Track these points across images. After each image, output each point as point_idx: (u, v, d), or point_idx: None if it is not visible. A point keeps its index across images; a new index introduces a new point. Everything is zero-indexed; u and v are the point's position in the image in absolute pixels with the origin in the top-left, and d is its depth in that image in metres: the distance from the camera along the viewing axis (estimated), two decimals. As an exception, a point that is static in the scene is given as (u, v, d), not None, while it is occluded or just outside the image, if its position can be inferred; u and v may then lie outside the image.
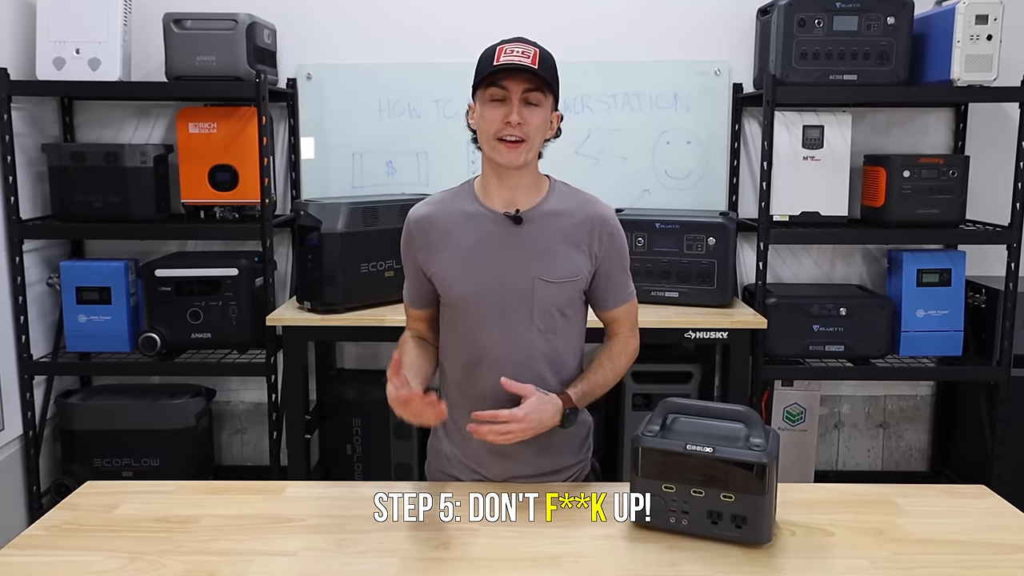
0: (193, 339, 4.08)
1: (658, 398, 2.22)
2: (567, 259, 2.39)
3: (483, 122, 2.32)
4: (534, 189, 2.42)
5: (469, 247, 2.39)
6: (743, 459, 1.96)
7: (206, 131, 4.11)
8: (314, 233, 3.82)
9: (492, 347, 2.39)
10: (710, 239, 3.97)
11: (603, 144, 4.42)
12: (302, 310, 3.94)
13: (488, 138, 2.31)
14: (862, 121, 4.42)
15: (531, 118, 2.29)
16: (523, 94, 2.27)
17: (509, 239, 2.37)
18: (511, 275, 2.37)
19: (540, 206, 2.40)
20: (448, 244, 2.40)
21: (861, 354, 4.12)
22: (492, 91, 2.29)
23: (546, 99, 2.32)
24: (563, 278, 2.38)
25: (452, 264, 2.40)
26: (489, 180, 2.40)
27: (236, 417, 4.74)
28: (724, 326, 3.84)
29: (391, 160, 4.48)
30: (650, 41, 4.43)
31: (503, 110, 2.28)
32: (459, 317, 2.43)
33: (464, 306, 2.40)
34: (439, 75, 4.41)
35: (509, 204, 2.39)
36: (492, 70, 2.26)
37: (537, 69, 2.25)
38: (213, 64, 3.94)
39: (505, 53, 2.27)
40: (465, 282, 2.39)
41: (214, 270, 4.06)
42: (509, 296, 2.37)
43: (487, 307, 2.38)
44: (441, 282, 2.42)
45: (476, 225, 2.40)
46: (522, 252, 2.37)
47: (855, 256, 4.61)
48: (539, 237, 2.38)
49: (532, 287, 2.36)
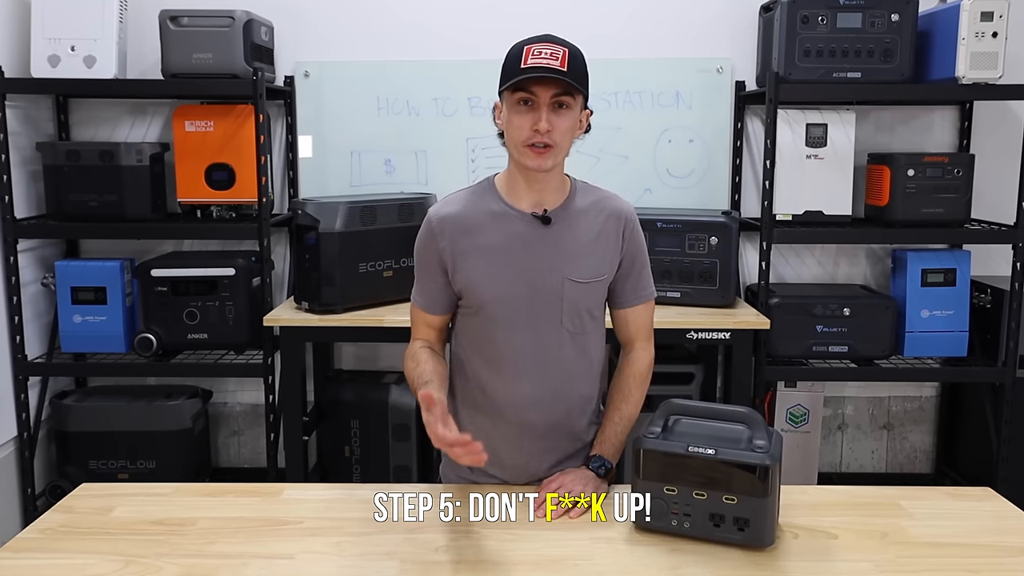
0: (189, 340, 4.07)
1: (660, 399, 2.20)
2: (595, 257, 2.38)
3: (511, 128, 2.28)
4: (560, 189, 2.40)
5: (497, 248, 2.36)
6: (746, 461, 1.95)
7: (202, 129, 4.11)
8: (312, 232, 3.81)
9: (520, 351, 2.38)
10: (712, 238, 3.97)
11: (604, 142, 4.42)
12: (300, 310, 3.93)
13: (516, 144, 2.28)
14: (866, 119, 4.42)
15: (560, 123, 2.24)
16: (552, 99, 2.23)
17: (538, 240, 2.36)
18: (541, 276, 2.35)
19: (566, 205, 2.39)
20: (475, 245, 2.37)
21: (865, 355, 4.11)
22: (520, 96, 2.24)
23: (576, 101, 2.27)
24: (592, 277, 2.38)
25: (480, 266, 2.36)
26: (516, 181, 2.37)
27: (233, 419, 4.74)
28: (726, 326, 3.84)
29: (390, 159, 4.48)
30: (651, 38, 4.43)
31: (531, 116, 2.24)
32: (484, 322, 2.40)
33: (492, 309, 2.37)
34: (438, 73, 4.42)
35: (536, 205, 2.36)
36: (520, 76, 2.21)
37: (567, 73, 2.20)
38: (209, 61, 3.94)
39: (533, 55, 2.21)
40: (494, 284, 2.36)
41: (211, 270, 4.05)
42: (539, 298, 2.35)
43: (516, 310, 2.36)
44: (468, 285, 2.38)
45: (503, 225, 2.37)
46: (551, 253, 2.36)
47: (859, 256, 4.60)
48: (567, 237, 2.37)
49: (562, 288, 2.35)
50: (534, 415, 2.41)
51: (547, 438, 2.44)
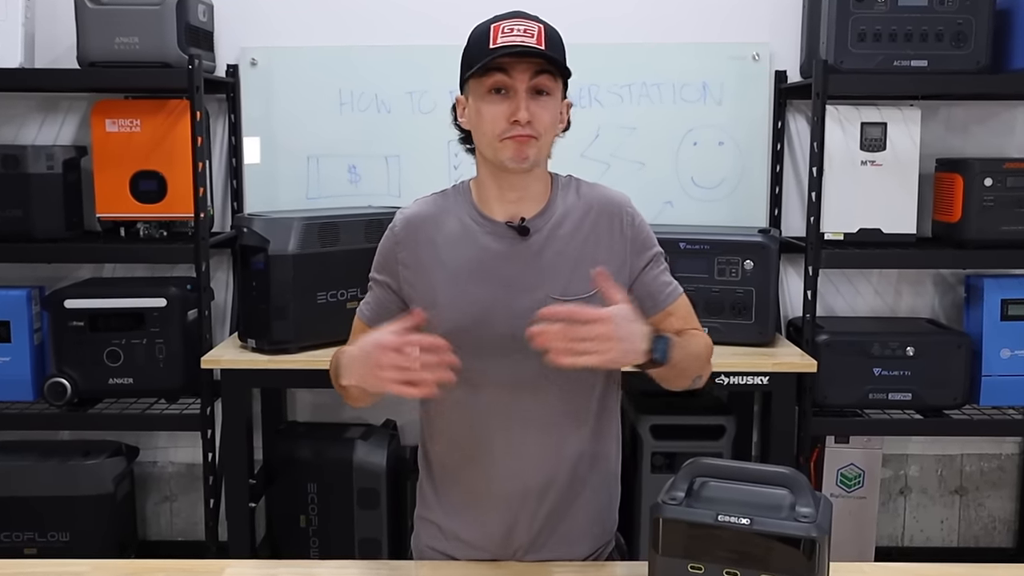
0: (111, 385, 4.07)
1: (683, 458, 2.20)
2: (587, 268, 2.28)
3: (482, 122, 2.28)
4: (542, 196, 2.40)
5: (463, 266, 2.35)
6: (788, 533, 1.94)
7: (127, 129, 4.14)
8: (260, 255, 3.83)
9: (496, 398, 2.35)
10: (747, 262, 3.98)
11: (615, 145, 4.45)
12: (245, 349, 3.95)
13: (490, 140, 2.27)
14: (934, 117, 4.44)
15: (542, 112, 2.25)
16: (530, 81, 2.24)
17: (514, 254, 2.35)
18: (518, 297, 2.30)
19: (546, 211, 2.38)
20: (438, 260, 2.37)
21: (932, 403, 4.10)
22: (492, 81, 2.24)
23: (556, 86, 2.28)
24: (580, 294, 2.30)
25: (441, 286, 2.35)
26: (488, 188, 2.38)
27: (164, 481, 4.75)
28: (764, 369, 3.87)
29: (354, 165, 4.51)
30: (673, 19, 4.45)
31: (507, 105, 2.24)
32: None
33: (456, 340, 2.19)
34: (414, 60, 4.45)
35: (512, 215, 2.36)
36: (491, 56, 2.21)
37: (544, 51, 2.21)
38: (136, 47, 3.95)
39: (503, 33, 2.22)
40: (457, 309, 2.33)
41: (137, 300, 4.06)
42: (518, 327, 2.17)
43: (489, 343, 2.31)
44: (428, 304, 2.33)
45: (473, 239, 2.37)
46: (532, 268, 2.34)
47: (925, 283, 4.63)
48: (550, 248, 2.35)
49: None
50: (510, 479, 2.39)
51: (531, 502, 2.40)
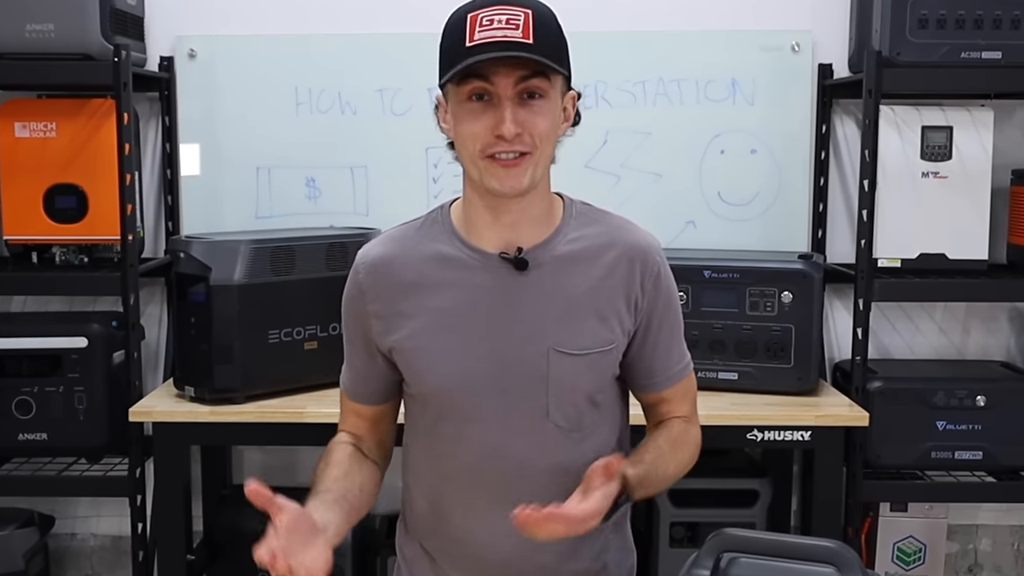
0: (21, 441, 4.08)
1: (708, 529, 2.23)
2: (596, 318, 2.34)
3: (461, 135, 2.24)
4: (543, 219, 2.37)
5: (449, 308, 2.34)
6: None
7: (41, 134, 4.14)
8: (200, 285, 3.80)
9: (488, 459, 2.36)
10: (785, 294, 3.95)
11: (627, 153, 4.45)
12: (182, 399, 3.93)
13: (472, 157, 2.23)
14: (1009, 120, 4.47)
15: (534, 120, 2.20)
16: (517, 86, 2.18)
17: (509, 294, 2.34)
18: (515, 348, 2.32)
19: (552, 241, 2.36)
20: (418, 306, 2.36)
21: (1008, 464, 4.12)
22: (470, 88, 2.19)
23: (552, 84, 2.23)
24: (591, 348, 2.33)
25: (425, 336, 2.35)
26: (476, 211, 2.35)
27: (85, 556, 4.77)
28: (805, 423, 3.83)
29: (313, 177, 4.52)
30: (697, 2, 4.47)
31: (490, 115, 2.19)
32: (435, 414, 2.40)
33: (444, 398, 2.36)
34: (385, 51, 4.46)
35: (507, 244, 2.34)
36: (466, 61, 2.15)
37: (533, 46, 2.15)
38: (51, 36, 3.95)
39: (480, 26, 2.16)
40: (445, 363, 2.34)
41: (52, 340, 4.06)
42: (513, 379, 2.31)
43: (479, 397, 2.34)
44: (408, 362, 2.37)
45: (458, 275, 2.35)
46: (530, 312, 2.33)
47: (999, 319, 4.65)
48: (554, 288, 2.34)
49: (547, 364, 2.32)
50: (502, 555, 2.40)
51: None
